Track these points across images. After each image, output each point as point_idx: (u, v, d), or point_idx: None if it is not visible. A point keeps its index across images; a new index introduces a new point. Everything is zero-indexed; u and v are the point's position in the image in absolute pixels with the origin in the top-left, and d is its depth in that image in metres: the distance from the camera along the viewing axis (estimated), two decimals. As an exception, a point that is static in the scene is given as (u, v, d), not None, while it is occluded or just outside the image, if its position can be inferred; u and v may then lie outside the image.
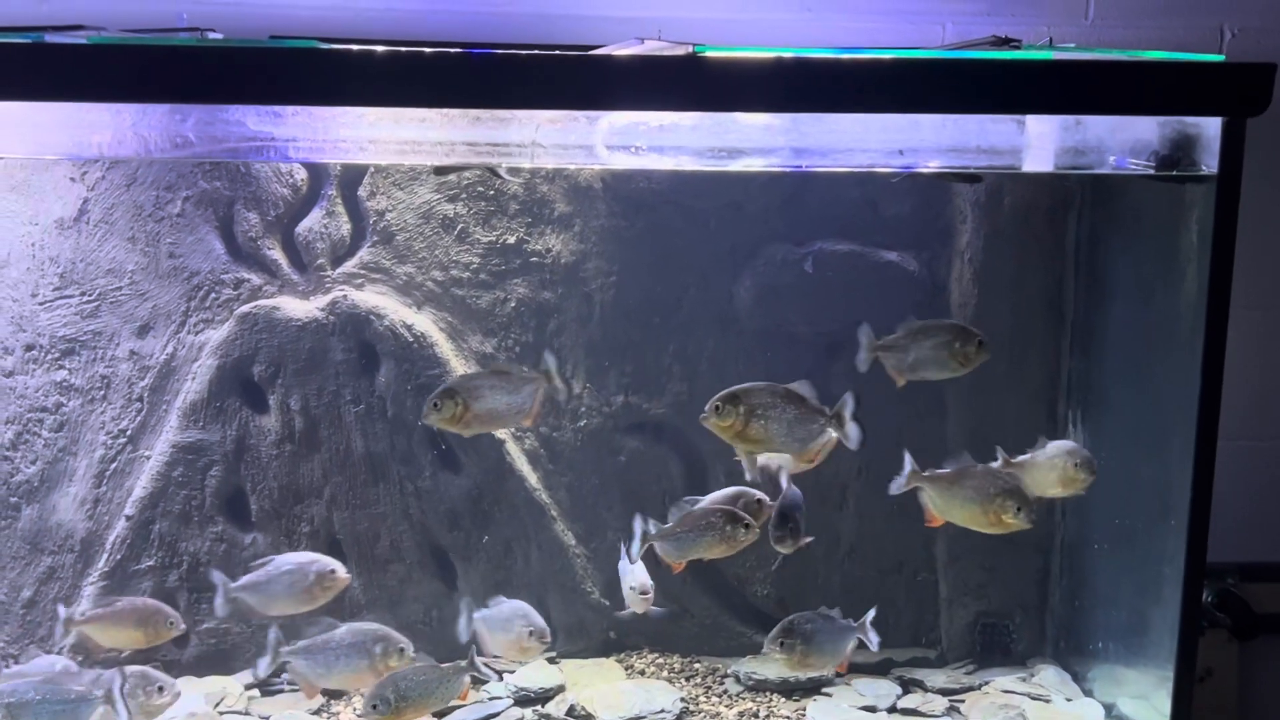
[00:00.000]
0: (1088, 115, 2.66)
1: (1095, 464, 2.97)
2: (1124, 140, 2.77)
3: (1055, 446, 3.00)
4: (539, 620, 3.05)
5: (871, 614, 3.05)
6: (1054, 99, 2.53)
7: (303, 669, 2.94)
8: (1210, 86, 2.53)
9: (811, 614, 3.04)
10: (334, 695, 3.30)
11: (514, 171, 3.24)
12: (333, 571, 2.99)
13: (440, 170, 3.22)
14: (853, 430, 2.79)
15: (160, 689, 2.88)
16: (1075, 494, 3.00)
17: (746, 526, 2.91)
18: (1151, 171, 2.76)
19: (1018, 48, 2.93)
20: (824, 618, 3.05)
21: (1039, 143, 2.78)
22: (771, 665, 3.38)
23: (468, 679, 2.97)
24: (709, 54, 2.45)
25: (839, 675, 3.31)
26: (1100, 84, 2.53)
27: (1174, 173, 2.73)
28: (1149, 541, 3.02)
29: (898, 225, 3.36)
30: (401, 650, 2.93)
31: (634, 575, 3.12)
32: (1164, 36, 3.42)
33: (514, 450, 3.37)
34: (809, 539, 3.05)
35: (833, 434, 2.82)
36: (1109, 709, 3.23)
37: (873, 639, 3.05)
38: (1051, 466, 2.97)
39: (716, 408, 2.76)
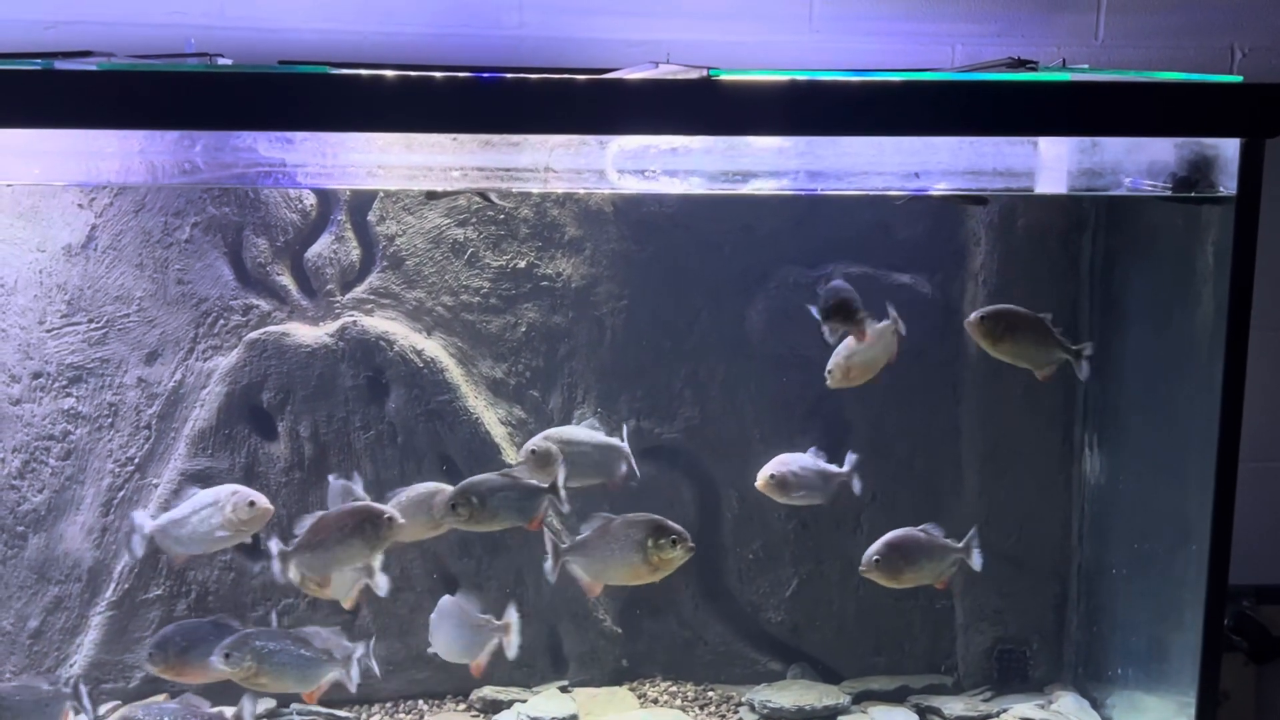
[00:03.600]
0: (1105, 137, 2.64)
1: None
2: (1140, 161, 2.75)
3: None
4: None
5: (562, 473, 2.95)
6: (1072, 121, 2.51)
7: (582, 567, 2.91)
8: (1229, 107, 2.52)
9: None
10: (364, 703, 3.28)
11: (506, 197, 3.22)
12: (251, 503, 2.89)
13: (432, 195, 3.20)
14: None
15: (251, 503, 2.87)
16: None
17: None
18: (1168, 193, 2.74)
19: (1034, 69, 2.91)
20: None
21: (1054, 165, 2.77)
22: (787, 694, 3.35)
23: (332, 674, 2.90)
24: (724, 77, 2.43)
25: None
26: (1118, 106, 2.51)
27: (1191, 194, 2.71)
28: (1168, 566, 2.98)
29: (911, 248, 3.35)
30: (675, 541, 2.84)
31: None
32: (1174, 57, 3.40)
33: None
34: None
35: None
36: (1129, 736, 3.20)
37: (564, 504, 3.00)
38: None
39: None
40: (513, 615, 3.01)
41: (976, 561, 3.08)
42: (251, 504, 2.88)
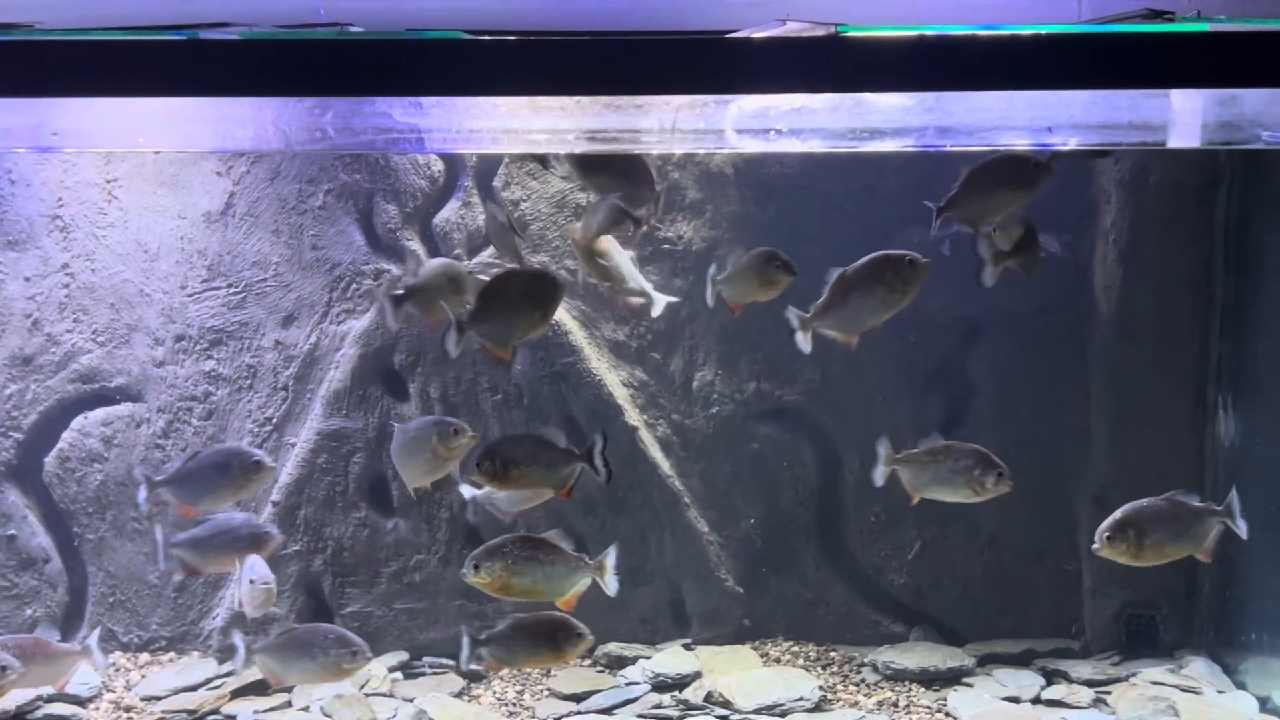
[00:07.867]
0: (1244, 89, 2.57)
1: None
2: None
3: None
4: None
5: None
6: (1210, 73, 2.44)
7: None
8: (1377, 55, 2.43)
9: None
10: (474, 678, 3.35)
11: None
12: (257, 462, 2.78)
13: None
14: None
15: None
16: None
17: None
18: (1311, 146, 2.66)
19: (1171, 21, 2.84)
20: None
21: (1190, 118, 2.70)
22: (911, 655, 3.35)
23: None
24: (852, 33, 2.42)
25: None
26: (1258, 56, 2.44)
27: (1335, 147, 2.63)
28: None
29: (1038, 206, 3.27)
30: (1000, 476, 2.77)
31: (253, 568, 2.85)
32: (1313, 7, 3.29)
33: (647, 438, 3.38)
34: None
35: None
36: (1263, 702, 3.12)
37: None
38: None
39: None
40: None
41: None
42: (456, 432, 2.73)
